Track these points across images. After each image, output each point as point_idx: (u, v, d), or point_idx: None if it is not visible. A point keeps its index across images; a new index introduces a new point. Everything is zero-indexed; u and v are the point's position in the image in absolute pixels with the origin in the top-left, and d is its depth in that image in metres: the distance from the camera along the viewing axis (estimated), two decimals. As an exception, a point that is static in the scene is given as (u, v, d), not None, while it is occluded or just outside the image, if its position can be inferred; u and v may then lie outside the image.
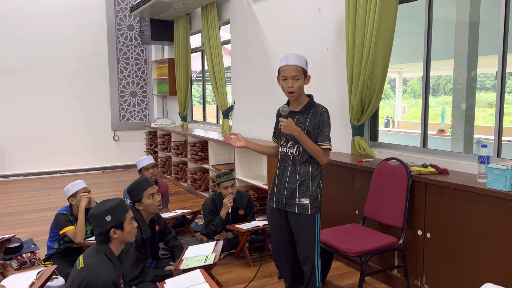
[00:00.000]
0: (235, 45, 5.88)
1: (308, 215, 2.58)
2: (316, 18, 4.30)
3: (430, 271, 2.90)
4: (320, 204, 2.62)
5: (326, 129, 2.55)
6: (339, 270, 3.51)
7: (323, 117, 2.55)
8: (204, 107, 7.50)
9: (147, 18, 7.39)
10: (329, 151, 2.57)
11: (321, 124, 2.54)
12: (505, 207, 2.41)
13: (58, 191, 6.32)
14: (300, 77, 2.50)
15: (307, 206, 2.57)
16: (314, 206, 2.58)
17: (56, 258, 3.51)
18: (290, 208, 2.62)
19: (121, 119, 8.29)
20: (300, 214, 2.59)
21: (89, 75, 7.88)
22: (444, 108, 8.77)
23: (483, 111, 7.55)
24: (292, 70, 2.49)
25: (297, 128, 2.50)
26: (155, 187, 3.14)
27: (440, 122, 8.58)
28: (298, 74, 2.50)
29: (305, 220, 2.59)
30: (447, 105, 8.63)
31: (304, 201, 2.57)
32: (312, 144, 2.51)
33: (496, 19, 5.25)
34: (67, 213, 3.52)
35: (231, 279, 3.38)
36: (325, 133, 2.54)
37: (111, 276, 2.20)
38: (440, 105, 8.88)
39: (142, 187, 3.07)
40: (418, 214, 2.95)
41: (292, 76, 2.50)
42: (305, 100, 2.62)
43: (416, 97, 10.00)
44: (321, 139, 2.54)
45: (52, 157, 7.69)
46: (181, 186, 6.65)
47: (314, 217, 2.59)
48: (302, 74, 2.52)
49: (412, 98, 10.11)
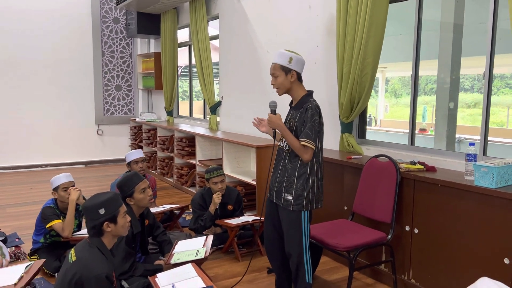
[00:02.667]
0: (223, 40, 5.86)
1: (290, 211, 2.62)
2: (306, 15, 4.32)
3: (417, 266, 2.97)
4: (306, 202, 2.60)
5: (308, 125, 2.54)
6: (326, 265, 3.56)
7: (307, 113, 2.57)
8: (191, 102, 7.46)
9: (133, 11, 7.30)
10: (310, 149, 2.55)
11: (305, 121, 2.57)
12: (492, 204, 2.48)
13: (40, 185, 6.21)
14: (278, 74, 2.62)
15: (290, 202, 2.62)
16: (297, 204, 2.60)
17: (42, 252, 3.46)
18: (278, 202, 2.70)
19: (105, 113, 8.18)
20: (284, 209, 2.66)
21: (73, 68, 7.74)
22: (426, 107, 8.95)
23: (462, 111, 7.73)
24: (271, 68, 2.66)
25: (280, 124, 2.59)
26: (146, 181, 3.12)
27: (422, 122, 8.75)
28: (275, 71, 2.63)
29: (287, 216, 2.65)
30: (428, 105, 8.81)
31: (288, 196, 2.63)
32: (292, 140, 2.56)
33: (479, 21, 5.36)
34: (54, 207, 3.47)
35: (220, 274, 3.39)
36: (305, 130, 2.55)
37: (104, 270, 2.18)
38: (421, 105, 9.05)
39: (134, 181, 3.04)
40: (406, 210, 3.01)
41: (272, 74, 2.65)
42: (300, 96, 2.68)
43: (397, 97, 10.16)
44: (301, 136, 2.56)
45: (34, 151, 7.54)
46: (167, 181, 6.61)
47: (298, 214, 2.61)
48: (281, 71, 2.61)
49: (393, 98, 10.27)
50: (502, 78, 7.50)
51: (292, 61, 2.62)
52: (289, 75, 2.61)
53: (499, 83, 7.64)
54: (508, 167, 2.51)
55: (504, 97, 7.76)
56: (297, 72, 2.65)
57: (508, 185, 2.53)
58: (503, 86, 7.67)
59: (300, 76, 2.69)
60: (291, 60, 2.61)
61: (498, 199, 2.44)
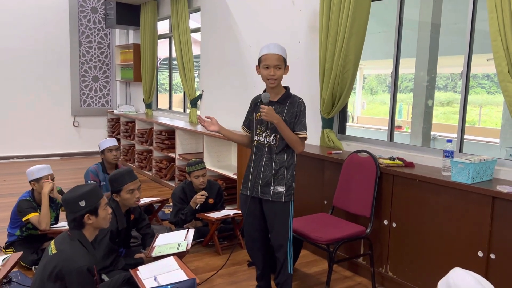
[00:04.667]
0: (204, 33, 5.82)
1: (283, 203, 2.65)
2: (289, 11, 4.34)
3: (394, 259, 3.05)
4: (293, 192, 2.70)
5: (303, 119, 2.64)
6: (306, 258, 3.61)
7: (300, 107, 2.64)
8: (170, 95, 7.39)
9: (112, 1, 7.16)
10: (304, 140, 2.66)
11: (298, 114, 2.64)
12: (467, 199, 2.57)
13: (14, 177, 6.05)
14: (281, 66, 2.59)
15: (282, 193, 2.63)
16: (288, 194, 2.66)
17: (18, 245, 3.38)
18: (264, 196, 2.67)
19: (82, 105, 8.02)
20: (275, 202, 2.65)
21: (49, 58, 7.55)
22: (402, 105, 9.13)
23: (436, 109, 7.92)
24: (275, 59, 2.56)
25: (277, 116, 2.55)
26: (138, 182, 3.06)
27: (397, 119, 8.93)
28: (280, 63, 2.57)
29: (279, 208, 2.65)
30: (404, 103, 8.99)
31: (279, 189, 2.64)
32: (290, 132, 2.59)
33: (454, 22, 5.47)
34: (30, 199, 3.39)
35: (200, 267, 3.40)
36: (302, 123, 2.63)
37: (85, 263, 2.15)
38: (398, 103, 9.22)
39: (124, 180, 2.98)
40: (385, 205, 3.08)
41: (274, 65, 2.56)
42: (282, 91, 2.69)
43: (373, 94, 10.33)
44: (299, 128, 2.62)
45: (7, 142, 7.33)
46: (145, 174, 6.54)
47: (289, 205, 2.67)
48: (283, 63, 2.60)
49: (369, 95, 10.43)
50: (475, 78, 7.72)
51: (286, 55, 2.66)
52: (286, 68, 2.65)
53: (472, 83, 7.85)
54: (483, 163, 2.60)
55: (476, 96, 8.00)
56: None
57: (483, 180, 2.62)
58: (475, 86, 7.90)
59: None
60: (286, 54, 2.65)
61: (474, 194, 2.53)
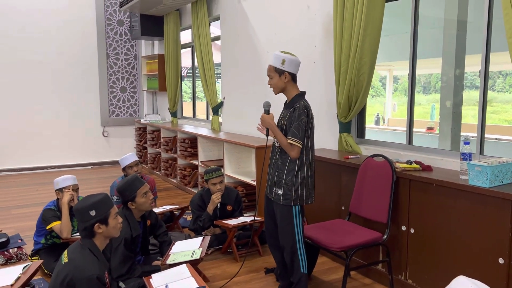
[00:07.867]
0: (225, 41, 5.88)
1: (281, 205, 2.73)
2: (305, 15, 4.31)
3: (414, 266, 2.95)
4: (295, 197, 2.70)
5: (295, 124, 2.64)
6: (324, 266, 3.55)
7: (295, 112, 2.67)
8: (194, 103, 7.49)
9: (137, 14, 7.35)
10: (296, 147, 2.64)
11: (292, 120, 2.68)
12: (486, 203, 2.46)
13: (46, 187, 6.28)
14: (272, 75, 2.75)
15: (280, 196, 2.73)
16: (286, 198, 2.70)
17: (43, 253, 3.50)
18: (271, 196, 2.83)
19: (111, 115, 8.25)
20: (276, 203, 2.78)
21: (78, 70, 7.83)
22: (434, 106, 8.85)
23: (473, 109, 7.62)
24: (267, 70, 2.77)
25: (271, 123, 2.74)
26: (147, 185, 3.15)
27: (430, 120, 8.65)
28: (270, 73, 2.76)
29: (279, 210, 2.77)
30: (437, 103, 8.69)
31: (278, 191, 2.75)
32: (281, 138, 2.70)
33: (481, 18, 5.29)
34: (54, 208, 3.51)
35: (218, 274, 3.40)
36: (291, 129, 2.66)
37: (95, 271, 2.20)
38: (430, 103, 8.96)
39: (135, 186, 3.07)
40: (402, 210, 2.99)
41: (268, 75, 2.77)
42: (292, 96, 2.78)
43: (406, 95, 10.06)
44: (290, 134, 2.67)
45: (40, 153, 7.64)
46: (171, 182, 6.64)
47: (289, 209, 2.72)
48: (275, 72, 2.73)
49: (403, 96, 10.18)
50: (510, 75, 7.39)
51: (285, 63, 2.71)
52: (282, 76, 2.72)
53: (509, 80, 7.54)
54: (502, 166, 2.48)
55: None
56: (291, 73, 2.73)
57: (503, 184, 2.50)
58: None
59: (294, 76, 2.77)
60: (284, 62, 2.70)
61: (492, 198, 2.41)
